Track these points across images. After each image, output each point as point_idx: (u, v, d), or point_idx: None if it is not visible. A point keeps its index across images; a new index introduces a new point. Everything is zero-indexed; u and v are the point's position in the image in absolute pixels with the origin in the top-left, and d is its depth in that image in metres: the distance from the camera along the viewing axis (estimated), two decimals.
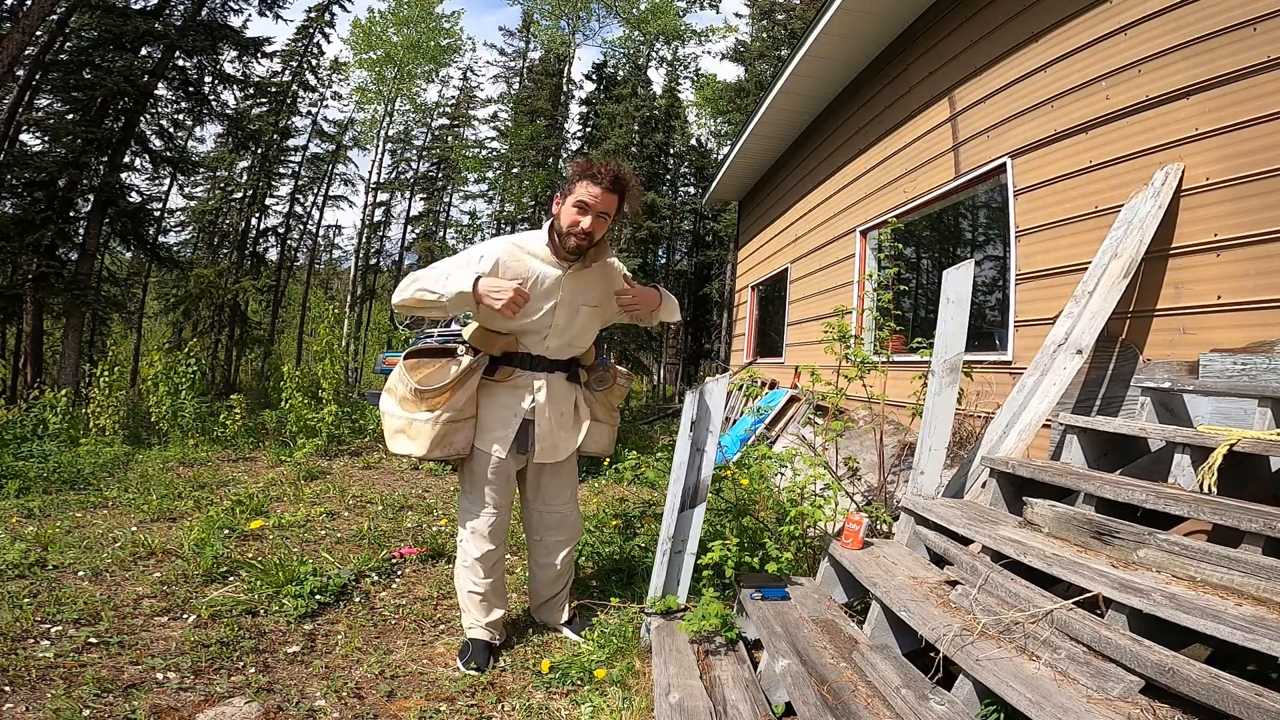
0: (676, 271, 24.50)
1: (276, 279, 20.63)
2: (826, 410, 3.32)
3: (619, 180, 2.15)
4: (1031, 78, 3.67)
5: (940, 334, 2.57)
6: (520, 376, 2.26)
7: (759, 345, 9.37)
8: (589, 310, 2.27)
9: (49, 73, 10.77)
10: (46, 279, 10.14)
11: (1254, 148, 2.43)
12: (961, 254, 5.07)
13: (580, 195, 2.13)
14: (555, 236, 2.18)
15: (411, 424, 2.19)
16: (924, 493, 2.52)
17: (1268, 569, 1.40)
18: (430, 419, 2.16)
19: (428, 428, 2.16)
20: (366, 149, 23.78)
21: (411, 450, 2.21)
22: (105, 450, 5.38)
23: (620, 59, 21.69)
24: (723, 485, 3.26)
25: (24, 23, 8.43)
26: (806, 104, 6.94)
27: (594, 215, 2.13)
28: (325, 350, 6.97)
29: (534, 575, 2.53)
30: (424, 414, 2.17)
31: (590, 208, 2.12)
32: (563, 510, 2.45)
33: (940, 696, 1.54)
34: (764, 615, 2.08)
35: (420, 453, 2.19)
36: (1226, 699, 1.13)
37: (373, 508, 4.16)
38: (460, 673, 2.21)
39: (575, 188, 2.15)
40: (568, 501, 2.46)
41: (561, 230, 2.16)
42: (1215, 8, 2.60)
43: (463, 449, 2.24)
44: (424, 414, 2.17)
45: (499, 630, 2.39)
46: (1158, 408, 2.42)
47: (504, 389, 2.26)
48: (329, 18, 20.08)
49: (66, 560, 2.89)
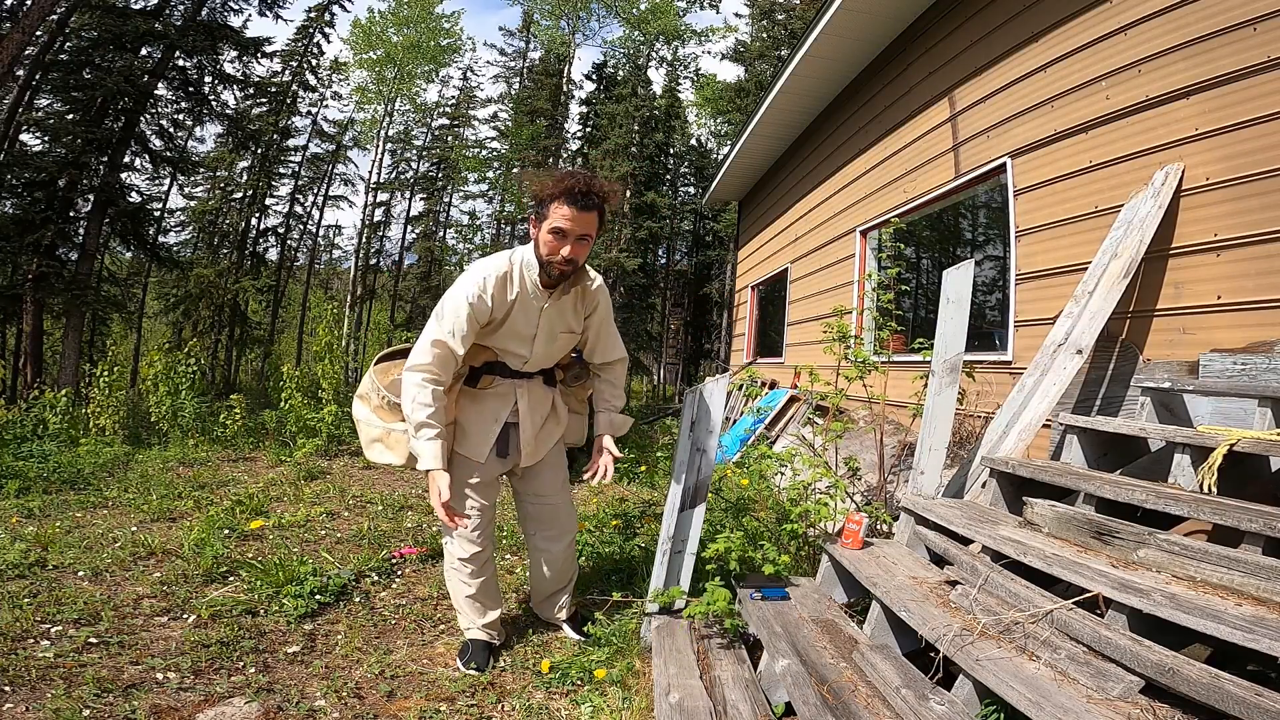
0: (676, 271, 24.51)
1: (276, 279, 20.61)
2: (826, 410, 3.32)
3: (595, 196, 1.99)
4: (1031, 78, 3.67)
5: (940, 334, 2.57)
6: (500, 384, 2.23)
7: (759, 345, 9.38)
8: (565, 336, 2.24)
9: (49, 73, 10.77)
10: (46, 279, 10.14)
11: (1254, 148, 2.43)
12: (961, 254, 5.07)
13: (555, 221, 1.97)
14: (539, 265, 2.07)
15: (389, 434, 2.17)
16: (924, 493, 2.52)
17: (1268, 569, 1.40)
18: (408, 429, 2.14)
19: (406, 439, 2.13)
20: (366, 149, 23.77)
21: (390, 460, 2.19)
22: (105, 450, 5.38)
23: (620, 59, 21.69)
24: (723, 485, 3.26)
25: (24, 23, 8.43)
26: (806, 104, 6.94)
27: (573, 241, 1.99)
28: (325, 350, 6.97)
29: (533, 570, 2.52)
30: (401, 424, 2.15)
31: (568, 233, 1.98)
32: (554, 500, 2.42)
33: (940, 696, 1.54)
34: (764, 615, 2.08)
35: (399, 462, 2.19)
36: (1226, 699, 1.13)
37: (373, 508, 4.16)
38: (460, 673, 2.21)
39: (549, 211, 1.99)
40: (559, 491, 2.43)
41: (542, 259, 2.04)
42: (1215, 8, 2.60)
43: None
44: (401, 424, 2.15)
45: (497, 630, 2.38)
46: (1158, 408, 2.42)
47: (485, 395, 2.23)
48: (329, 18, 20.08)
49: (66, 560, 2.89)
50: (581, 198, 1.96)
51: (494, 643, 2.35)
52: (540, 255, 2.04)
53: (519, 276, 2.09)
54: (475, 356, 2.19)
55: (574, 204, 1.97)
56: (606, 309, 2.29)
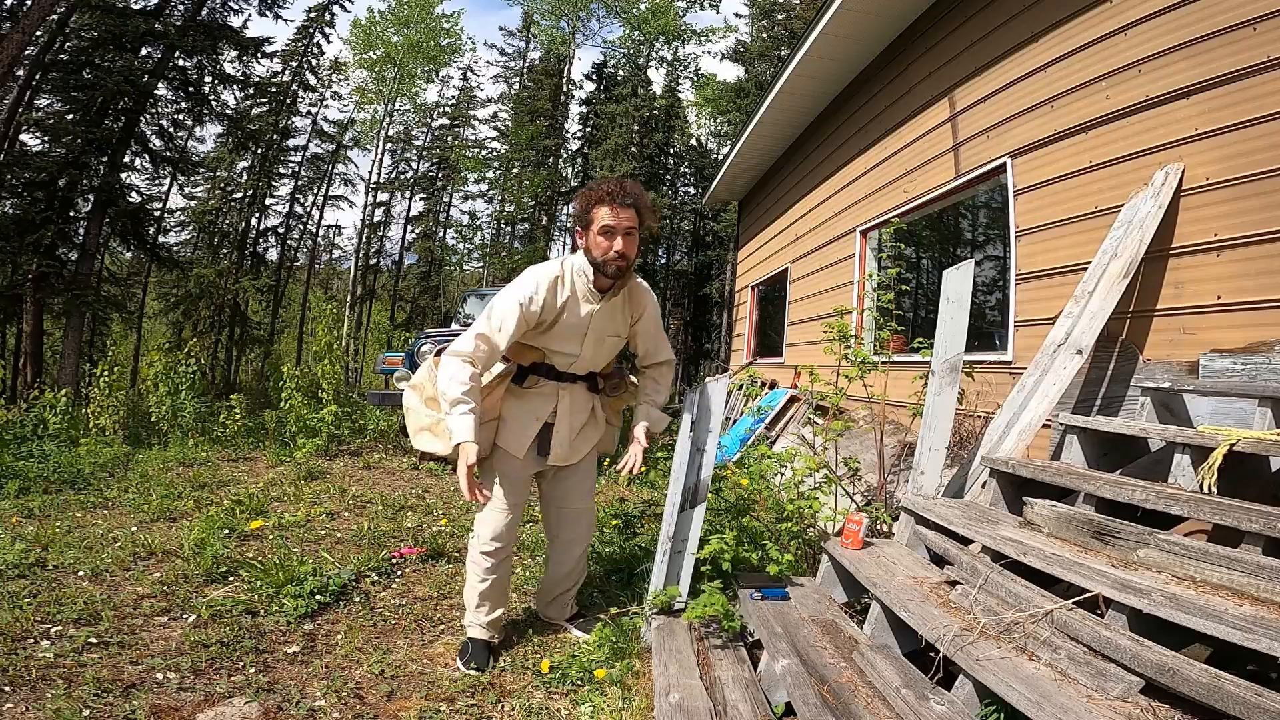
0: (676, 271, 24.51)
1: (276, 279, 20.63)
2: (826, 410, 3.32)
3: (630, 193, 2.15)
4: (1031, 78, 3.67)
5: (940, 334, 2.57)
6: (545, 385, 2.30)
7: (759, 345, 9.37)
8: (613, 340, 2.32)
9: (49, 73, 10.77)
10: (46, 279, 10.15)
11: (1254, 148, 2.43)
12: (961, 254, 5.07)
13: (603, 221, 2.12)
14: (594, 268, 2.17)
15: (438, 423, 2.24)
16: (924, 493, 2.52)
17: (1268, 569, 1.40)
18: None
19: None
20: (366, 149, 23.81)
21: (437, 449, 2.27)
22: (105, 450, 5.37)
23: (620, 59, 21.71)
24: (723, 485, 3.26)
25: (24, 23, 8.43)
26: (806, 104, 6.94)
27: (622, 234, 2.12)
28: (325, 350, 6.96)
29: (550, 572, 2.57)
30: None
31: (616, 229, 2.12)
32: (580, 506, 2.49)
33: (940, 696, 1.54)
34: (764, 615, 2.08)
35: (445, 451, 2.24)
36: (1226, 699, 1.13)
37: (373, 508, 4.16)
38: (460, 673, 2.21)
39: (593, 215, 2.15)
40: (585, 497, 2.50)
41: (598, 261, 2.15)
42: (1215, 8, 2.60)
43: (484, 449, 2.28)
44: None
45: (498, 629, 2.40)
46: (1158, 408, 2.42)
47: (530, 394, 2.31)
48: (329, 18, 20.10)
49: (66, 560, 2.89)
50: (617, 195, 2.13)
51: (493, 641, 2.37)
52: (595, 259, 2.15)
53: (570, 280, 2.20)
54: (524, 356, 2.27)
55: (615, 201, 2.12)
56: (655, 312, 2.40)
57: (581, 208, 2.19)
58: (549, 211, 22.48)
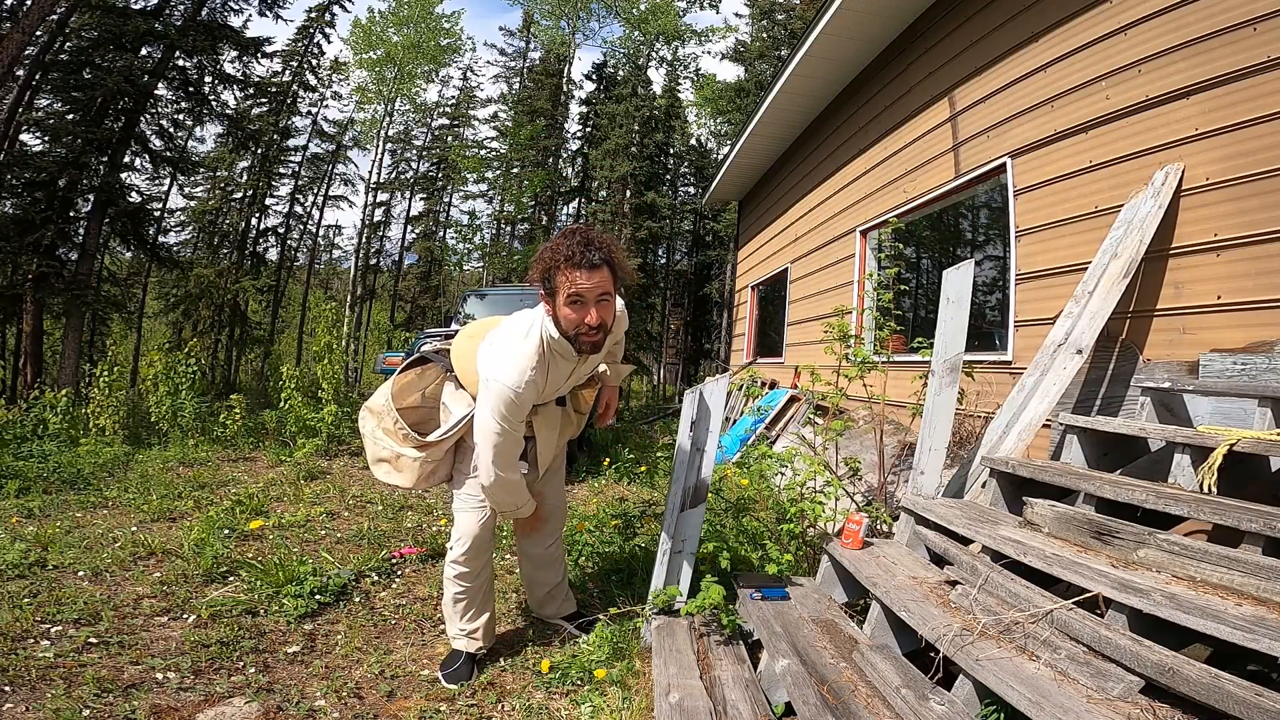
0: (676, 271, 24.50)
1: (276, 279, 20.61)
2: (827, 410, 3.32)
3: (598, 247, 1.81)
4: (1031, 78, 3.67)
5: (940, 334, 2.57)
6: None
7: (759, 345, 9.37)
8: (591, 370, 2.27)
9: (49, 73, 10.77)
10: (46, 279, 10.14)
11: (1254, 148, 2.43)
12: (961, 254, 5.06)
13: (570, 289, 1.79)
14: (567, 339, 1.92)
15: (399, 458, 2.18)
16: (924, 493, 2.52)
17: (1268, 569, 1.40)
18: (419, 457, 2.17)
19: (415, 465, 2.17)
20: (366, 149, 23.79)
21: (397, 482, 2.21)
22: (105, 450, 5.38)
23: (620, 59, 21.68)
24: (723, 485, 3.26)
25: (24, 23, 8.43)
26: (806, 104, 6.94)
27: (594, 303, 1.82)
28: (325, 350, 6.96)
29: (529, 571, 2.56)
30: (412, 451, 2.17)
31: (586, 298, 1.80)
32: (554, 502, 2.50)
33: (940, 696, 1.54)
34: (764, 615, 2.08)
35: (407, 485, 2.21)
36: (1226, 699, 1.13)
37: (373, 508, 4.16)
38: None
39: (558, 282, 1.81)
40: (558, 492, 2.52)
41: (570, 335, 1.88)
42: (1215, 8, 2.60)
43: (446, 476, 2.28)
44: (412, 451, 2.17)
45: (486, 637, 2.32)
46: (1158, 408, 2.42)
47: None
48: (329, 18, 20.07)
49: (66, 560, 2.89)
50: (583, 254, 1.78)
51: (479, 652, 2.30)
52: (566, 331, 1.87)
53: (549, 353, 1.98)
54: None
55: (579, 265, 1.78)
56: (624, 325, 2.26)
57: (541, 272, 1.84)
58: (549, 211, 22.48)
